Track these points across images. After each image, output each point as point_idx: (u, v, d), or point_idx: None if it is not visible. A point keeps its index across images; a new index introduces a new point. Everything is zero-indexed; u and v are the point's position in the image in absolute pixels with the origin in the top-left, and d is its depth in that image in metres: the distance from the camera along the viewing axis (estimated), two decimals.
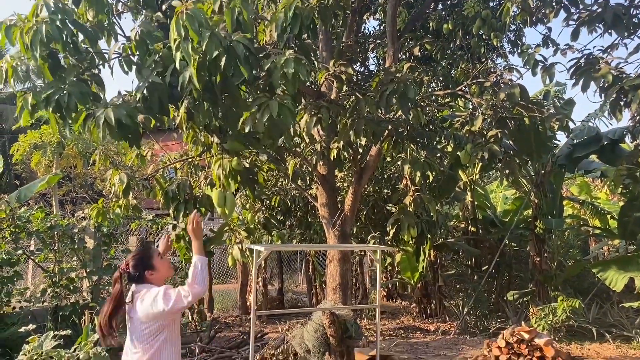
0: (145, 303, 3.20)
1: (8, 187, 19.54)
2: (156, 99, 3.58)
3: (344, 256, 6.00)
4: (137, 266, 3.34)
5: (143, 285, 3.31)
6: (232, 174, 4.49)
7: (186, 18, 3.12)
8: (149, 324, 3.21)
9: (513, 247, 12.05)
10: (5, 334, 7.04)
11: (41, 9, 3.38)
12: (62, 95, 3.46)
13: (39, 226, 8.19)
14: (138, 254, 3.43)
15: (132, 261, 3.35)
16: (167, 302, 3.16)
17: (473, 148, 4.68)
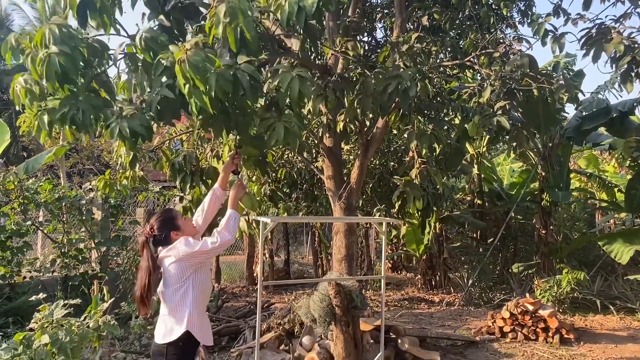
0: (170, 253, 3.29)
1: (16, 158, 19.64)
2: (169, 112, 3.59)
3: (350, 228, 6.02)
4: (162, 228, 3.38)
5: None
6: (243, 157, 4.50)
7: (189, 69, 3.09)
8: (175, 272, 3.28)
9: (519, 220, 12.06)
10: (16, 302, 7.18)
11: (49, 39, 3.34)
12: (75, 113, 3.50)
13: (47, 197, 8.26)
14: (161, 215, 3.46)
15: (157, 223, 3.39)
16: (190, 246, 3.26)
17: (481, 120, 4.63)
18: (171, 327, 3.29)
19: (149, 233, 3.38)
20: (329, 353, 5.90)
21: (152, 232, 3.38)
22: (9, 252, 7.71)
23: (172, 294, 3.32)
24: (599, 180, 12.38)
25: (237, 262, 13.62)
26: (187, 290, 3.30)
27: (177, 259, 3.28)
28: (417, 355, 6.31)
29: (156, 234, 3.37)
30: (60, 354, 3.87)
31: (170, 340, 3.27)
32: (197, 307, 3.34)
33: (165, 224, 3.40)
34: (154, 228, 3.38)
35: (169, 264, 3.32)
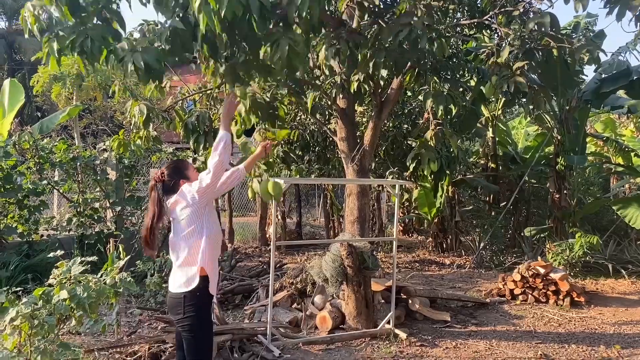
0: (179, 198, 3.36)
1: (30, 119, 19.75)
2: (179, 44, 3.55)
3: (363, 190, 6.03)
4: (172, 175, 3.45)
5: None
6: (252, 109, 4.46)
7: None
8: (187, 217, 3.34)
9: (532, 184, 11.97)
10: (35, 260, 7.35)
11: None
12: (84, 40, 3.46)
13: (62, 157, 8.33)
14: (173, 163, 3.56)
15: (167, 170, 3.46)
16: (194, 185, 3.33)
17: (498, 80, 4.54)
18: (187, 276, 3.34)
19: (159, 178, 3.44)
20: (341, 312, 5.99)
21: (162, 177, 3.43)
22: (27, 211, 7.84)
23: (185, 240, 3.38)
24: (615, 145, 12.18)
25: (249, 223, 13.75)
26: (200, 235, 3.35)
27: (186, 202, 3.35)
28: (428, 315, 6.39)
29: (165, 179, 3.43)
30: (78, 309, 3.96)
31: (188, 289, 3.33)
32: (211, 253, 3.38)
33: (176, 172, 3.47)
34: (164, 174, 3.44)
35: (180, 209, 3.38)
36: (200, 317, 3.36)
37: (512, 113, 18.67)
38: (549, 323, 6.46)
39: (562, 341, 5.77)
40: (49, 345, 3.88)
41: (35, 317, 3.82)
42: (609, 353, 5.43)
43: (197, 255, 3.33)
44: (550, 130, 10.96)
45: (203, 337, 3.38)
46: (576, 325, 6.38)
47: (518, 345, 5.60)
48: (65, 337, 5.24)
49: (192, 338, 3.36)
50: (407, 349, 5.42)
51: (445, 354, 5.32)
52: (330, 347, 5.47)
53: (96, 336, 5.55)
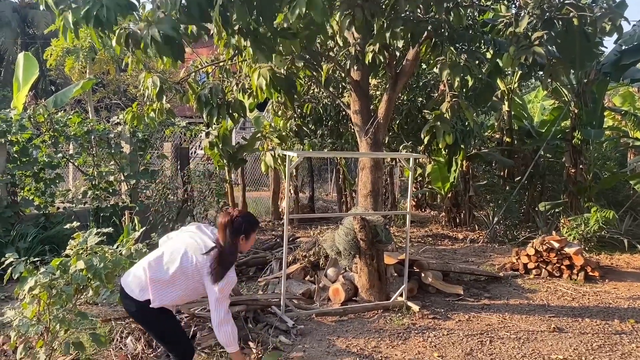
0: (200, 267, 3.27)
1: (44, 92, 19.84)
2: (196, 5, 3.49)
3: (376, 164, 5.99)
4: (241, 224, 3.35)
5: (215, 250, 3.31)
6: (274, 83, 4.42)
7: None
8: (180, 276, 3.30)
9: (548, 158, 11.83)
10: (52, 232, 7.45)
11: None
12: (100, 10, 3.42)
13: (76, 130, 8.37)
14: (248, 216, 3.47)
15: (240, 219, 3.36)
16: (217, 294, 3.24)
17: (516, 51, 4.44)
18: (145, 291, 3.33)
19: (229, 220, 3.34)
20: (353, 284, 6.02)
21: (232, 220, 3.34)
22: (43, 184, 7.93)
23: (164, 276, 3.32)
24: (633, 119, 11.94)
25: (262, 197, 13.79)
26: (175, 290, 3.32)
27: (203, 280, 3.29)
28: (440, 288, 6.40)
29: (235, 225, 3.33)
30: (95, 280, 4.02)
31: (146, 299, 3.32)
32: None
33: (246, 226, 3.39)
34: (236, 220, 3.35)
35: (195, 270, 3.31)
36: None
37: (528, 87, 18.38)
38: (563, 297, 6.45)
39: (575, 315, 5.77)
40: (67, 314, 3.95)
41: (53, 287, 3.88)
42: (622, 327, 5.42)
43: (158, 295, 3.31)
44: (567, 104, 10.77)
45: None
46: (590, 300, 6.37)
47: (531, 319, 5.61)
48: (83, 307, 5.34)
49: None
50: (419, 321, 5.45)
51: (457, 327, 5.34)
52: (343, 318, 5.51)
53: (113, 306, 5.65)
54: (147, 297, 3.31)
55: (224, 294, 3.28)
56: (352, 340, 4.91)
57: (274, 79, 4.73)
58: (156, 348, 4.48)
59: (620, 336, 5.17)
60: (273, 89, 4.81)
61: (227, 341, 3.30)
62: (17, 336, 3.90)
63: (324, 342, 4.88)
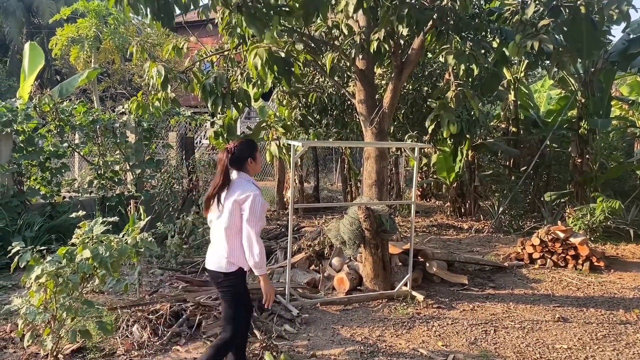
0: (244, 194, 3.47)
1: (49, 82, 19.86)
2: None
3: (381, 154, 5.97)
4: (243, 151, 3.61)
5: (241, 173, 3.60)
6: (269, 63, 4.39)
7: None
8: (233, 213, 3.49)
9: (554, 148, 11.77)
10: (58, 221, 7.49)
11: None
12: None
13: (81, 120, 8.39)
14: (247, 142, 3.73)
15: (240, 145, 3.64)
16: (252, 215, 3.45)
17: (522, 39, 4.40)
18: (227, 260, 3.55)
19: (231, 150, 3.59)
20: (358, 274, 6.04)
21: (233, 150, 3.58)
22: (49, 173, 7.96)
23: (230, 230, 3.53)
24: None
25: (267, 187, 13.81)
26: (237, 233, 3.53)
27: (240, 209, 3.49)
28: (445, 278, 6.41)
29: (235, 152, 3.57)
30: (101, 268, 4.04)
31: (230, 271, 3.56)
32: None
33: (247, 149, 3.64)
34: (237, 147, 3.61)
35: (232, 204, 3.50)
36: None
37: (534, 76, 18.25)
38: (568, 287, 6.45)
39: (580, 305, 5.76)
40: (73, 303, 3.99)
41: (59, 275, 3.91)
42: (627, 317, 5.42)
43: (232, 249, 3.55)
44: (573, 93, 10.69)
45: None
46: (595, 290, 6.36)
47: (535, 308, 5.61)
48: (89, 295, 5.38)
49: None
50: (424, 311, 5.46)
51: (462, 316, 5.35)
52: (348, 307, 5.53)
53: (119, 295, 5.69)
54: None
55: (254, 215, 3.45)
56: (356, 329, 4.93)
57: (270, 58, 4.68)
58: (162, 336, 4.52)
59: (625, 326, 5.16)
60: (268, 69, 4.76)
61: (256, 263, 3.49)
62: (24, 324, 3.94)
63: (328, 330, 4.90)
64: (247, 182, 3.58)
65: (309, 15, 4.09)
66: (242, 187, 3.51)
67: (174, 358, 4.28)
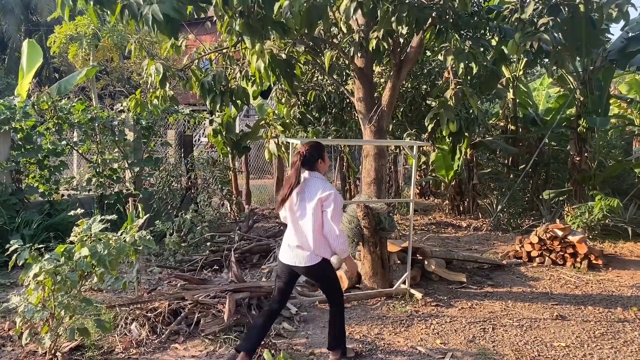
0: (324, 192, 3.82)
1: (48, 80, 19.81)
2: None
3: (380, 151, 5.97)
4: (313, 153, 3.97)
5: (313, 173, 3.96)
6: (272, 66, 4.40)
7: None
8: (317, 211, 3.83)
9: (552, 146, 11.78)
10: (56, 219, 7.48)
11: None
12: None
13: (80, 118, 8.38)
14: (315, 144, 4.08)
15: (310, 148, 3.98)
16: (330, 212, 3.80)
17: (522, 37, 4.40)
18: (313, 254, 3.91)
19: (302, 153, 3.94)
20: (356, 272, 6.03)
21: (304, 152, 3.94)
22: (47, 171, 7.94)
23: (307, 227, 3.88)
24: (639, 107, 11.89)
25: (266, 185, 13.81)
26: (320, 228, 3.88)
27: (323, 207, 3.85)
28: (443, 276, 6.41)
29: (306, 155, 3.93)
30: (99, 266, 4.04)
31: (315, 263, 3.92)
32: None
33: (316, 151, 3.99)
34: (308, 150, 3.95)
35: (312, 200, 3.85)
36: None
37: (533, 74, 18.26)
38: (566, 285, 6.46)
39: (578, 303, 5.77)
40: (71, 301, 3.98)
41: (57, 273, 3.91)
42: (625, 315, 5.43)
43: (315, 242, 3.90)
44: (572, 92, 10.70)
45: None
46: (593, 288, 6.37)
47: (534, 307, 5.62)
48: (88, 293, 5.38)
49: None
50: (422, 309, 5.47)
51: (460, 314, 5.36)
52: (346, 305, 5.52)
53: (117, 293, 5.69)
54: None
55: (337, 212, 3.83)
56: (355, 327, 4.93)
57: (273, 61, 4.70)
58: (160, 334, 4.52)
59: (623, 324, 5.17)
60: (271, 72, 4.78)
61: (342, 251, 3.90)
62: (22, 322, 3.94)
63: (327, 328, 4.89)
64: (323, 180, 3.95)
65: (312, 26, 4.10)
66: (323, 186, 3.86)
67: (173, 356, 4.29)
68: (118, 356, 4.25)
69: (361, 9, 4.12)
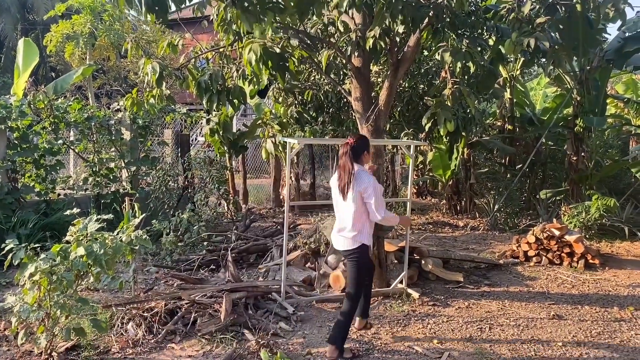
0: (362, 185, 4.20)
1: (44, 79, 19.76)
2: None
3: (377, 151, 5.96)
4: (361, 145, 4.34)
5: (358, 165, 4.30)
6: (264, 58, 4.38)
7: None
8: (357, 201, 4.22)
9: (549, 146, 11.79)
10: (52, 218, 7.46)
11: None
12: None
13: (76, 117, 8.35)
14: (363, 137, 4.49)
15: (358, 141, 4.35)
16: (376, 203, 4.21)
17: (519, 37, 4.40)
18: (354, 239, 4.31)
19: (351, 144, 4.29)
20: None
21: (353, 144, 4.29)
22: (43, 170, 7.92)
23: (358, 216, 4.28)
24: (636, 106, 11.92)
25: (263, 184, 13.79)
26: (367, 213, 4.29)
27: (364, 196, 4.24)
28: (441, 275, 6.41)
29: (355, 145, 4.29)
30: (95, 266, 4.02)
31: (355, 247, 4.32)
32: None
33: (363, 144, 4.37)
34: (356, 143, 4.31)
35: (357, 192, 4.23)
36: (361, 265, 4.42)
37: (530, 74, 18.29)
38: (563, 284, 6.46)
39: (575, 302, 5.78)
40: (67, 300, 3.97)
41: (53, 273, 3.89)
42: (622, 314, 5.44)
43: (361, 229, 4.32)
44: (569, 91, 10.71)
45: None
46: (590, 287, 6.38)
47: (531, 306, 5.63)
48: (84, 293, 5.37)
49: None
50: (419, 308, 5.47)
51: (457, 314, 5.36)
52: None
53: (114, 292, 5.67)
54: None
55: (378, 201, 4.23)
56: (352, 327, 4.92)
57: (265, 53, 4.67)
58: (157, 334, 4.51)
59: (619, 323, 5.18)
60: (263, 64, 4.75)
61: (393, 222, 4.65)
62: (18, 322, 3.93)
63: (324, 328, 4.90)
64: (364, 172, 4.30)
65: (304, 12, 4.09)
66: (361, 179, 4.21)
67: (169, 356, 4.28)
68: (114, 356, 4.23)
69: (355, 4, 4.11)
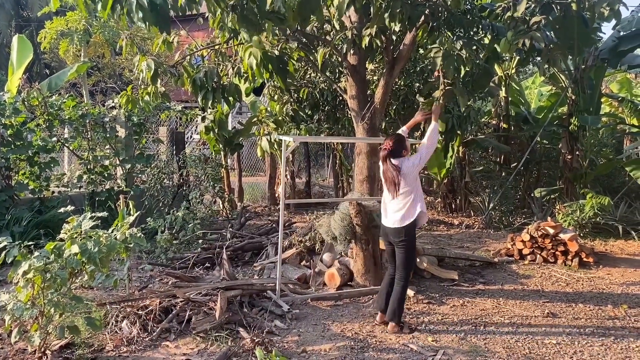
0: (407, 164, 4.68)
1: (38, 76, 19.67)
2: None
3: (373, 149, 5.97)
4: (398, 147, 4.70)
5: (399, 159, 4.69)
6: (264, 62, 4.37)
7: None
8: (409, 176, 4.67)
9: (544, 144, 11.83)
10: (46, 216, 7.43)
11: None
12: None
13: (71, 114, 8.31)
14: (398, 138, 4.79)
15: (395, 143, 4.70)
16: (413, 162, 4.70)
17: (514, 36, 4.41)
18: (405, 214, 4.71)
19: (389, 147, 4.66)
20: (349, 269, 6.04)
21: (391, 147, 4.65)
22: (37, 168, 7.88)
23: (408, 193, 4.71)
24: (630, 105, 11.92)
25: (259, 182, 13.79)
26: (415, 189, 4.73)
27: (412, 170, 4.70)
28: (435, 273, 6.42)
29: (393, 148, 4.66)
30: (89, 264, 4.01)
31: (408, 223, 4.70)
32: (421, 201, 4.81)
33: (399, 144, 4.72)
34: (393, 144, 4.67)
35: (406, 170, 4.68)
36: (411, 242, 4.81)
37: (525, 73, 18.32)
38: (557, 283, 6.49)
39: (569, 300, 5.80)
40: (61, 298, 3.95)
41: (47, 271, 3.87)
42: (616, 312, 5.46)
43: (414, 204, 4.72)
44: (564, 90, 10.75)
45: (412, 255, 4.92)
46: (584, 285, 6.40)
47: (525, 304, 5.64)
48: (78, 291, 5.35)
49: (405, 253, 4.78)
50: (414, 306, 5.47)
51: (452, 312, 5.37)
52: (339, 303, 5.53)
53: (108, 290, 5.66)
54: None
55: (421, 152, 4.77)
56: (347, 325, 4.93)
57: (265, 58, 4.68)
58: (151, 332, 4.49)
59: (613, 321, 5.20)
60: (264, 68, 4.76)
61: (436, 131, 4.85)
62: (11, 320, 3.91)
63: (319, 326, 4.90)
64: (404, 159, 4.70)
65: (305, 20, 4.09)
66: (405, 165, 4.66)
67: (164, 354, 4.27)
68: (108, 354, 4.22)
69: (354, 5, 4.10)
